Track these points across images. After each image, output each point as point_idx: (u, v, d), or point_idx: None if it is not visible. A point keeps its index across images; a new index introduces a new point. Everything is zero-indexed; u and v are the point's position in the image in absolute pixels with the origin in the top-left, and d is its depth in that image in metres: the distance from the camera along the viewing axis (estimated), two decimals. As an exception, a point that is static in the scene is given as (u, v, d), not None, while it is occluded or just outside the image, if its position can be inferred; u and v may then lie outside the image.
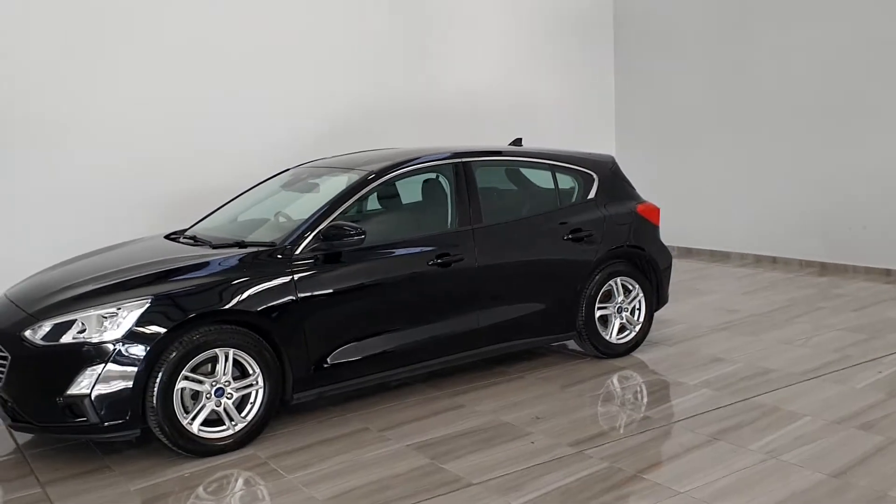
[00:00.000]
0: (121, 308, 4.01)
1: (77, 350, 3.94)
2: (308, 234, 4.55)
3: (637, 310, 5.76)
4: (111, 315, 4.00)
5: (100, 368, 3.91)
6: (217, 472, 3.99)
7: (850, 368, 5.22)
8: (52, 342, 3.97)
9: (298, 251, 4.50)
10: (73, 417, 3.95)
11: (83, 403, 3.91)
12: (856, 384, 4.91)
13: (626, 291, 5.72)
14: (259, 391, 4.27)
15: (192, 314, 4.09)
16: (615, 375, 5.32)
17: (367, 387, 4.88)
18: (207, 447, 4.14)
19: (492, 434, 4.34)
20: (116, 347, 3.94)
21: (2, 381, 4.08)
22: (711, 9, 9.53)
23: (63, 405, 3.92)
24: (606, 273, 5.58)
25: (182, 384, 4.05)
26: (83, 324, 3.99)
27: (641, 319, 5.76)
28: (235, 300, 4.22)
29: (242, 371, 4.25)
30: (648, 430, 4.33)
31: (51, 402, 3.94)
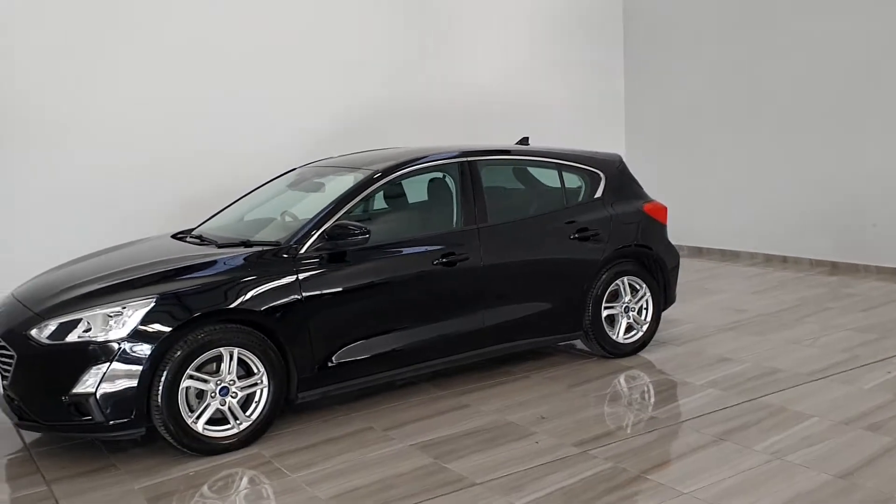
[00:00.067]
0: (126, 307, 4.03)
1: (82, 349, 3.96)
2: (313, 234, 4.56)
3: (644, 309, 5.73)
4: (116, 314, 4.01)
5: (105, 367, 3.93)
6: (221, 471, 4.00)
7: (859, 369, 5.18)
8: (58, 341, 3.99)
9: (303, 250, 4.50)
10: (79, 416, 3.97)
11: (88, 402, 3.93)
12: (864, 385, 4.87)
13: (634, 291, 5.69)
14: (264, 390, 4.28)
15: (197, 313, 4.11)
16: (621, 375, 5.30)
17: (372, 386, 4.88)
18: (212, 446, 4.15)
19: (496, 434, 4.33)
20: (121, 346, 3.95)
21: (8, 380, 4.11)
22: (721, 8, 9.48)
23: (68, 404, 3.94)
24: (613, 272, 5.56)
25: (187, 383, 4.06)
26: (88, 323, 4.00)
27: (648, 319, 5.73)
28: (240, 299, 4.23)
29: (247, 370, 4.26)
30: (654, 431, 4.31)
31: (56, 401, 3.96)
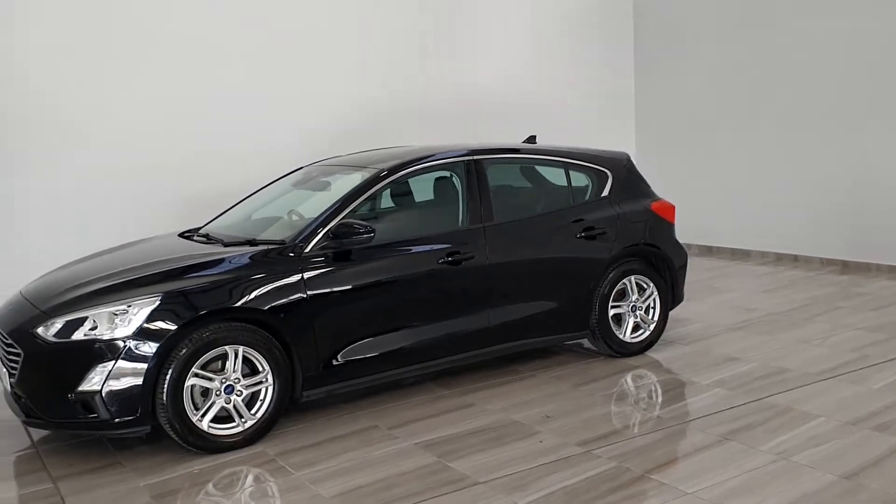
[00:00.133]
0: (131, 305, 4.05)
1: (88, 347, 3.98)
2: (318, 233, 4.56)
3: (651, 308, 5.71)
4: (122, 312, 4.03)
5: (110, 365, 3.95)
6: (226, 469, 4.01)
7: (868, 368, 5.14)
8: (64, 339, 4.01)
9: (308, 249, 4.51)
10: (85, 413, 3.99)
11: (94, 400, 3.95)
12: (873, 384, 4.84)
13: (641, 290, 5.67)
14: (268, 388, 4.29)
15: (202, 312, 4.12)
16: (628, 374, 5.28)
17: (378, 385, 4.89)
18: (217, 444, 4.17)
19: (500, 433, 4.32)
20: (127, 344, 3.97)
21: (15, 378, 4.14)
22: (733, 5, 9.42)
23: (74, 401, 3.97)
24: (620, 271, 5.53)
25: (192, 381, 4.08)
26: (95, 321, 4.02)
27: (656, 318, 5.71)
28: (245, 298, 4.25)
29: (252, 368, 4.27)
30: (659, 430, 4.29)
31: (62, 399, 3.98)
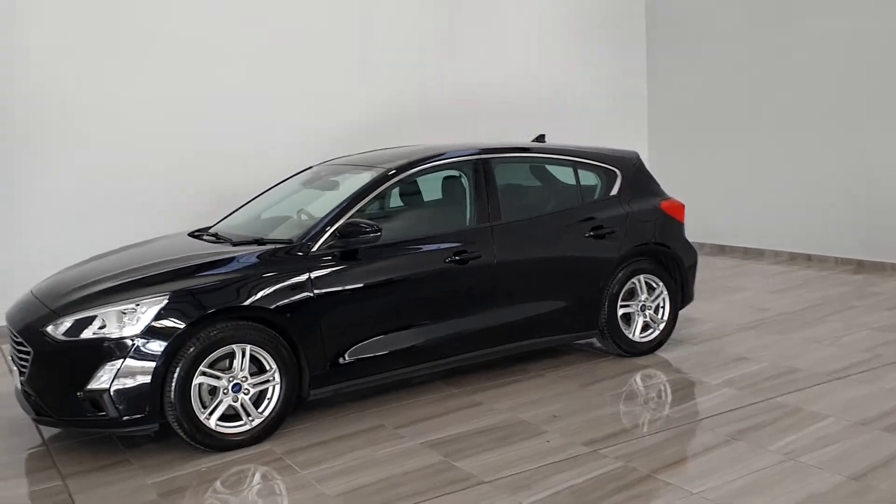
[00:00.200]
0: (139, 304, 4.08)
1: (97, 345, 4.01)
2: (325, 232, 4.57)
3: (661, 308, 5.68)
4: (130, 311, 4.06)
5: (119, 363, 3.98)
6: (233, 467, 4.03)
7: (880, 369, 5.09)
8: (73, 337, 4.04)
9: (315, 248, 4.53)
10: (93, 411, 4.02)
11: (103, 398, 3.98)
12: (885, 384, 4.79)
13: (650, 289, 5.64)
14: (276, 387, 4.31)
15: (210, 310, 4.14)
16: (637, 374, 5.26)
17: (386, 383, 4.89)
18: (224, 442, 4.19)
19: (507, 432, 4.32)
20: (135, 343, 4.00)
21: (25, 376, 4.18)
22: (747, 3, 9.35)
23: (83, 399, 4.00)
24: (629, 270, 5.51)
25: (199, 380, 4.10)
26: (103, 320, 4.05)
27: (665, 318, 5.68)
28: (252, 297, 4.26)
29: (260, 367, 4.29)
30: (666, 430, 4.27)
31: (71, 397, 4.01)
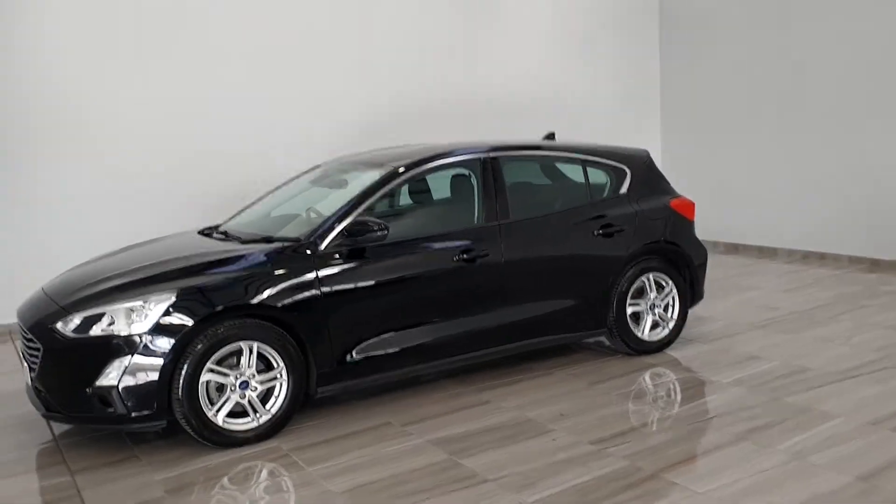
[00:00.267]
0: (148, 301, 4.11)
1: (106, 342, 4.05)
2: (332, 231, 4.58)
3: (670, 306, 5.66)
4: (139, 308, 4.09)
5: (127, 360, 4.01)
6: (240, 464, 4.05)
7: (892, 368, 5.04)
8: (82, 334, 4.08)
9: (323, 247, 4.54)
10: (102, 408, 4.05)
11: (111, 394, 4.01)
12: (896, 384, 4.76)
13: (660, 287, 5.62)
14: (283, 384, 4.33)
15: (217, 308, 4.17)
16: (645, 373, 5.24)
17: (394, 381, 4.91)
18: (232, 439, 4.21)
19: (514, 431, 4.31)
20: (143, 340, 4.03)
21: (36, 372, 4.22)
22: (760, 0, 9.31)
23: (92, 396, 4.03)
24: (638, 269, 5.49)
25: (207, 377, 4.13)
26: (112, 317, 4.09)
27: (675, 316, 5.66)
28: (260, 295, 4.28)
29: (267, 364, 4.31)
30: (674, 429, 4.25)
31: (80, 393, 4.05)
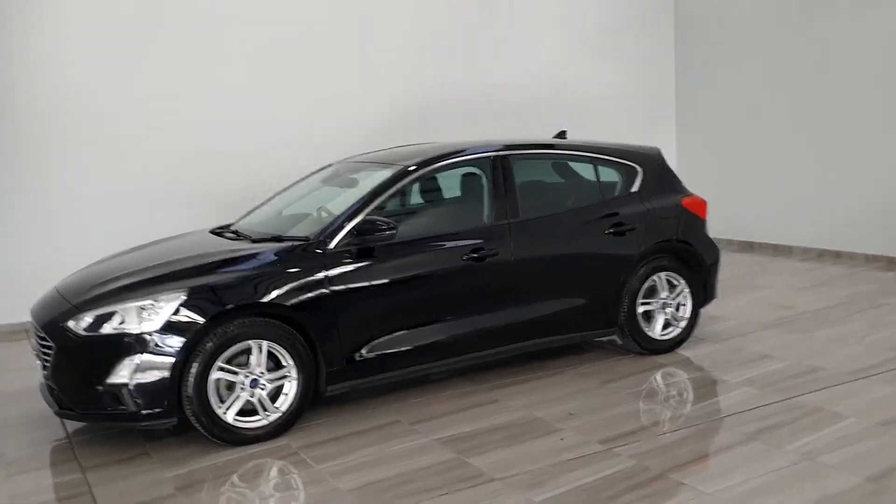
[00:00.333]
0: (158, 300, 4.14)
1: (117, 340, 4.08)
2: (342, 230, 4.60)
3: (682, 305, 5.63)
4: (149, 307, 4.12)
5: (138, 358, 4.05)
6: (250, 462, 4.08)
7: (905, 368, 5.01)
8: (94, 333, 4.12)
9: (332, 246, 4.55)
10: (113, 406, 4.09)
11: (122, 392, 4.05)
12: (909, 385, 4.71)
13: (671, 287, 5.59)
14: (293, 383, 4.35)
15: (227, 306, 4.20)
16: (656, 372, 5.22)
17: (404, 380, 4.92)
18: (241, 436, 4.24)
19: (522, 430, 4.31)
20: (154, 338, 4.06)
21: (48, 370, 4.27)
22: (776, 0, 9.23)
23: (103, 393, 4.07)
24: (650, 268, 5.47)
25: (217, 375, 4.16)
26: (123, 315, 4.12)
27: (687, 315, 5.62)
28: (269, 294, 4.30)
29: (277, 363, 4.33)
30: (683, 429, 4.24)
31: (92, 391, 4.09)
